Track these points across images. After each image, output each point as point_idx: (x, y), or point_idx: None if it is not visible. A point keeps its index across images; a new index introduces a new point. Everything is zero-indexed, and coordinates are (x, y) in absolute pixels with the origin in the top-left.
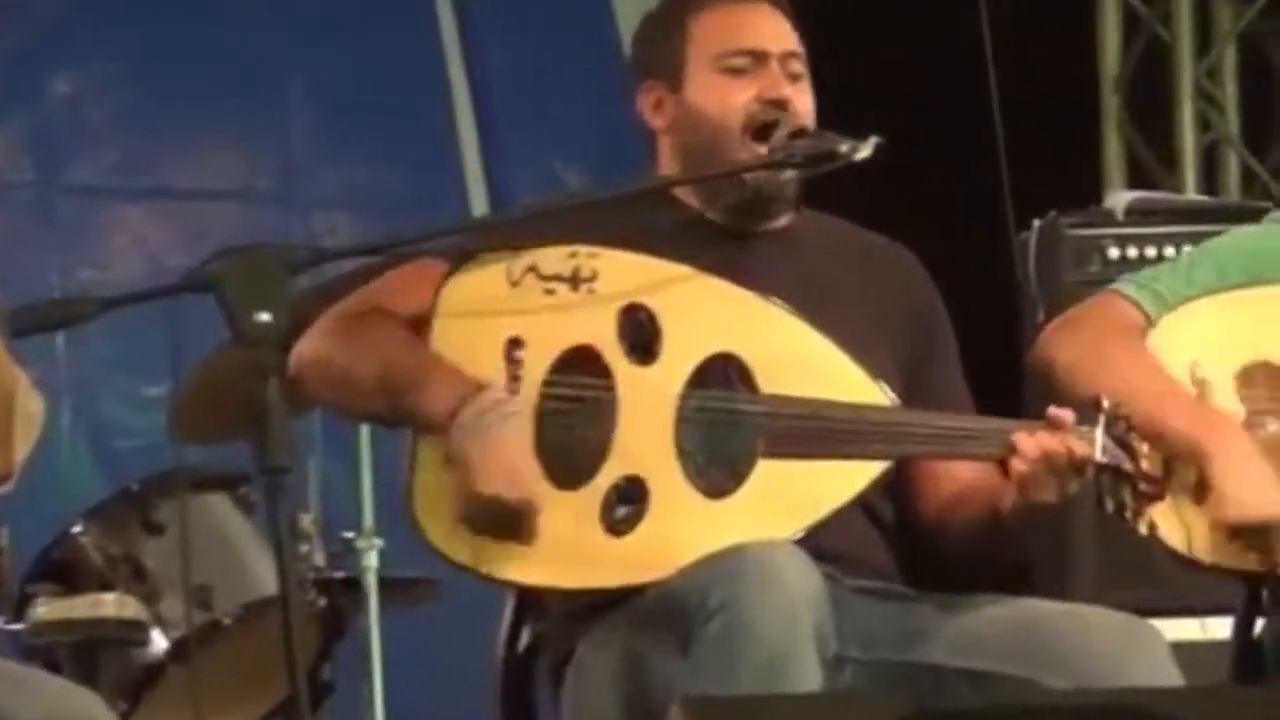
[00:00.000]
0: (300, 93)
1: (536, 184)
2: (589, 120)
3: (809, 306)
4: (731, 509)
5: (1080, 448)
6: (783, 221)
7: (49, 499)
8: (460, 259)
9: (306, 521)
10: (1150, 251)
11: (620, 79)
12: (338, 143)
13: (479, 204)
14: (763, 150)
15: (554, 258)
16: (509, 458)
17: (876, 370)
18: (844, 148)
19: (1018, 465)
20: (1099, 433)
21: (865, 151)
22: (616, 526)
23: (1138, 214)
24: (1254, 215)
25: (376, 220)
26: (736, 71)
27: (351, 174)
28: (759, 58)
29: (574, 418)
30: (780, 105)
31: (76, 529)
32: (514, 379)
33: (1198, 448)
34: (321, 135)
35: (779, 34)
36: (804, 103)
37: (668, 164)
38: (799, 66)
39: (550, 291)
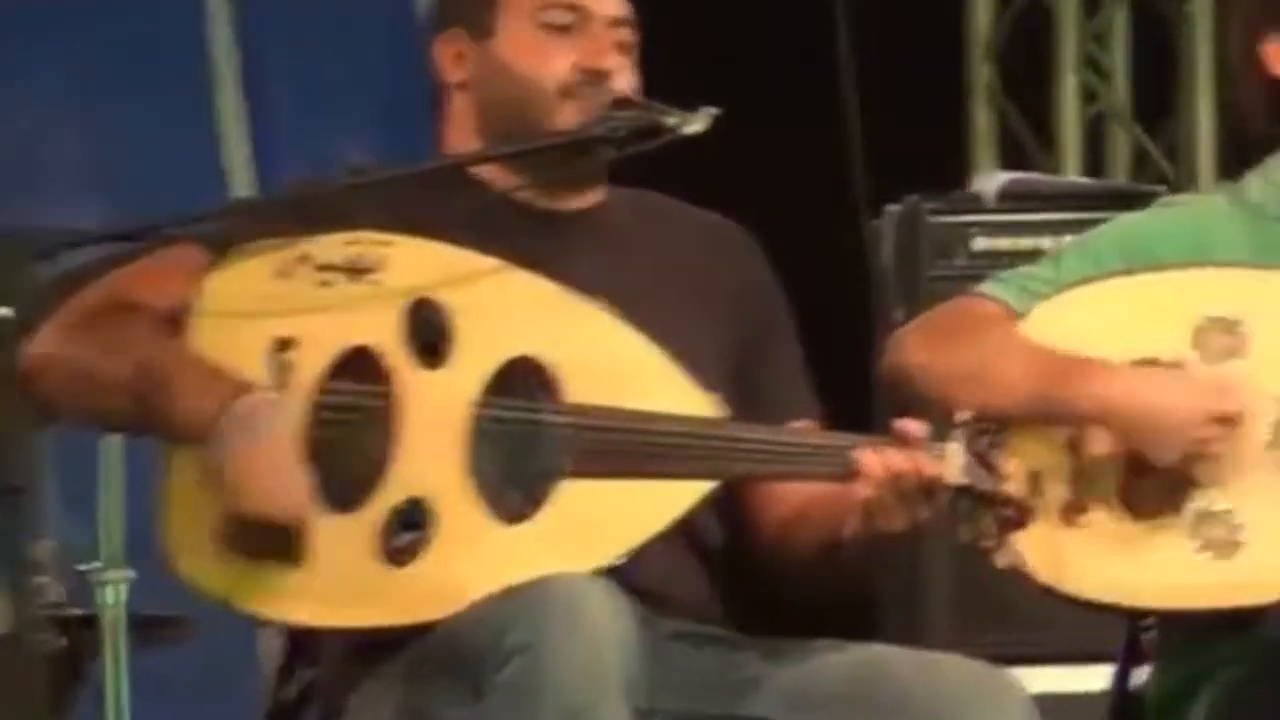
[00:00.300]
0: (42, 58)
1: (312, 166)
2: (377, 91)
3: (625, 300)
4: (531, 536)
5: (932, 467)
6: (592, 199)
7: None
8: (223, 247)
9: (42, 549)
10: (1025, 242)
11: (416, 44)
12: (81, 115)
13: (243, 187)
14: (585, 112)
15: (332, 246)
16: (276, 470)
17: (702, 373)
18: (673, 120)
19: (861, 489)
20: (956, 449)
21: (698, 125)
22: (397, 555)
23: (1011, 198)
24: (1144, 200)
25: (125, 204)
26: (557, 29)
27: (97, 150)
28: (583, 16)
29: (350, 430)
30: (601, 76)
31: None
32: (282, 385)
33: (1089, 409)
34: (61, 106)
35: None
36: (628, 78)
37: (462, 124)
38: (627, 34)
39: (326, 284)
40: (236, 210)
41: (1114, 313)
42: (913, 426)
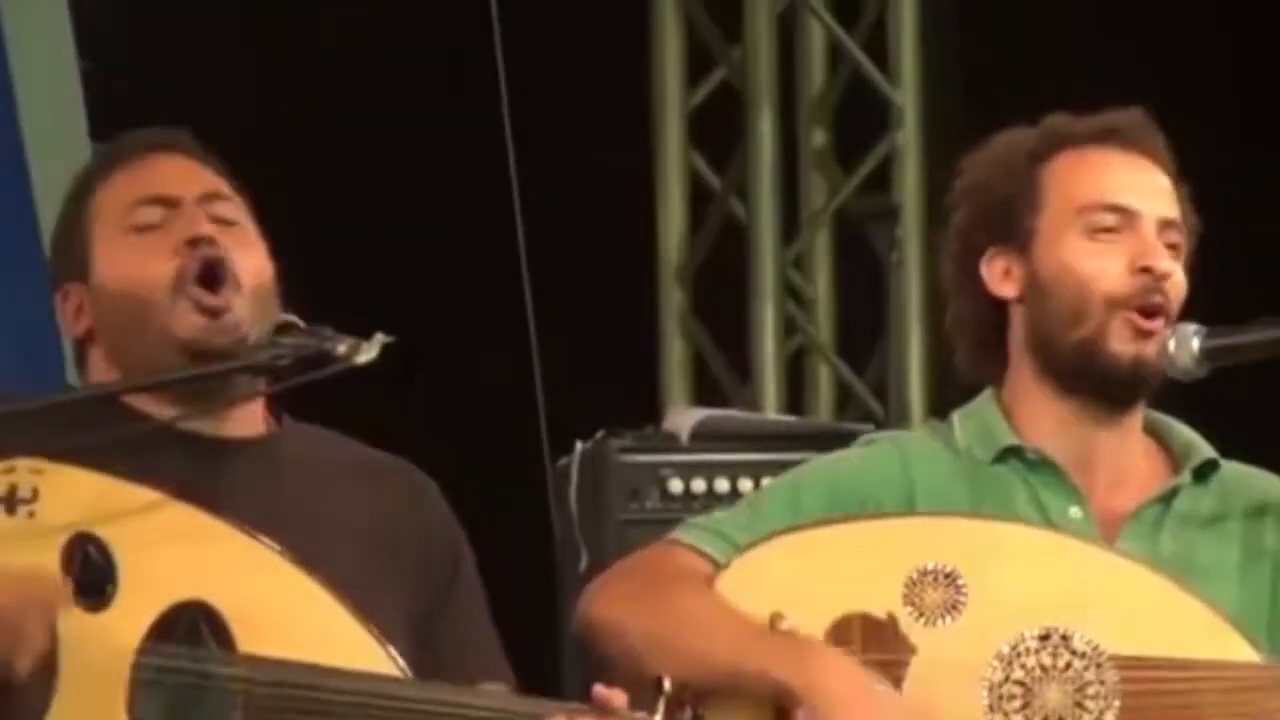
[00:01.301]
0: None
1: None
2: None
3: (299, 541)
4: None
5: None
6: (259, 427)
7: None
8: None
9: None
10: (721, 484)
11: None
12: None
13: None
14: (209, 300)
15: None
16: None
17: (382, 623)
18: (343, 348)
19: None
20: None
21: (370, 353)
22: None
23: (706, 437)
24: (847, 439)
25: None
26: (147, 229)
27: None
28: (171, 204)
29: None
30: (218, 266)
31: None
32: None
33: (789, 686)
34: None
35: (196, 178)
36: (247, 258)
37: (101, 375)
38: (228, 209)
39: None
40: None
41: (820, 563)
42: (613, 694)
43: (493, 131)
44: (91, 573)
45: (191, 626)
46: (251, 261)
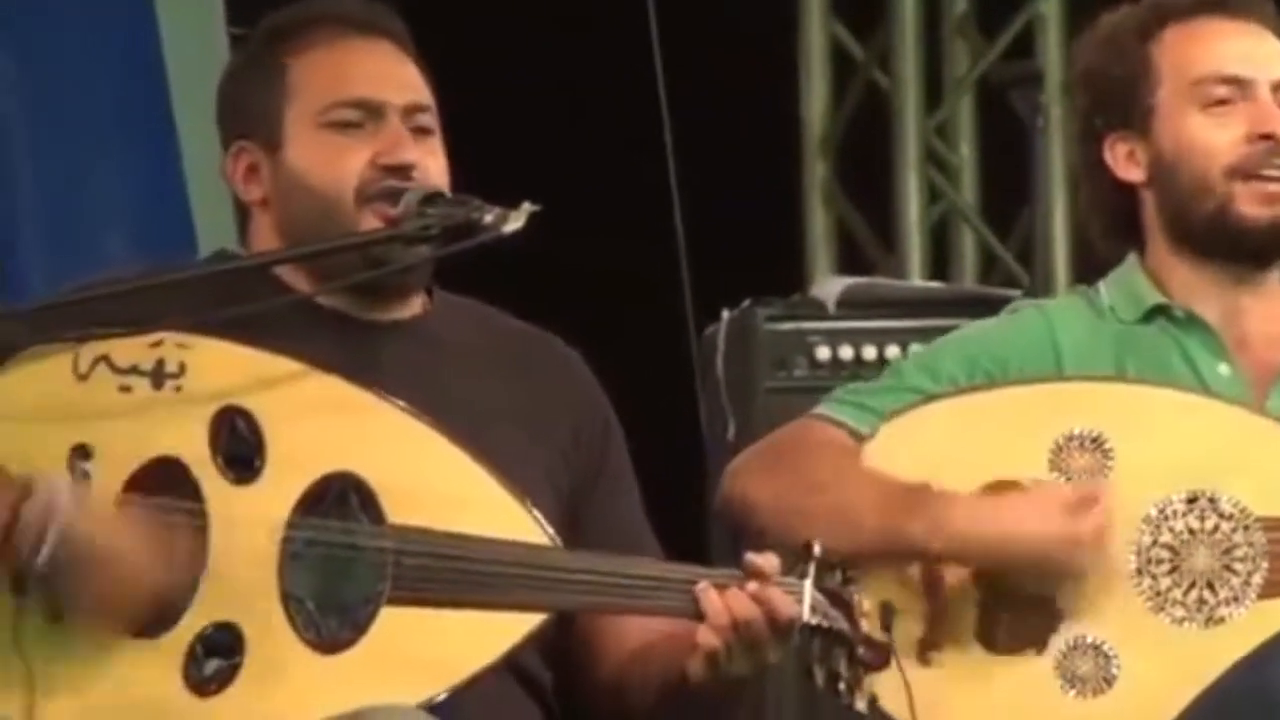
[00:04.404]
0: None
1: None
2: (131, 185)
3: (449, 415)
4: (349, 666)
5: (784, 607)
6: (412, 309)
7: None
8: (5, 352)
9: None
10: (868, 351)
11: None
12: None
13: None
14: (393, 213)
15: (132, 347)
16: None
17: (532, 498)
18: (490, 218)
19: (704, 636)
20: (807, 587)
21: (516, 223)
22: (204, 685)
23: (852, 304)
24: (994, 305)
25: None
26: (347, 127)
27: None
28: (375, 110)
29: None
30: (404, 171)
31: None
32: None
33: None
34: None
35: (401, 80)
36: (435, 165)
37: (266, 244)
38: (428, 120)
39: (126, 389)
40: (20, 312)
41: (964, 432)
42: (764, 560)
43: (637, 3)
44: (239, 446)
45: (340, 498)
46: (437, 170)
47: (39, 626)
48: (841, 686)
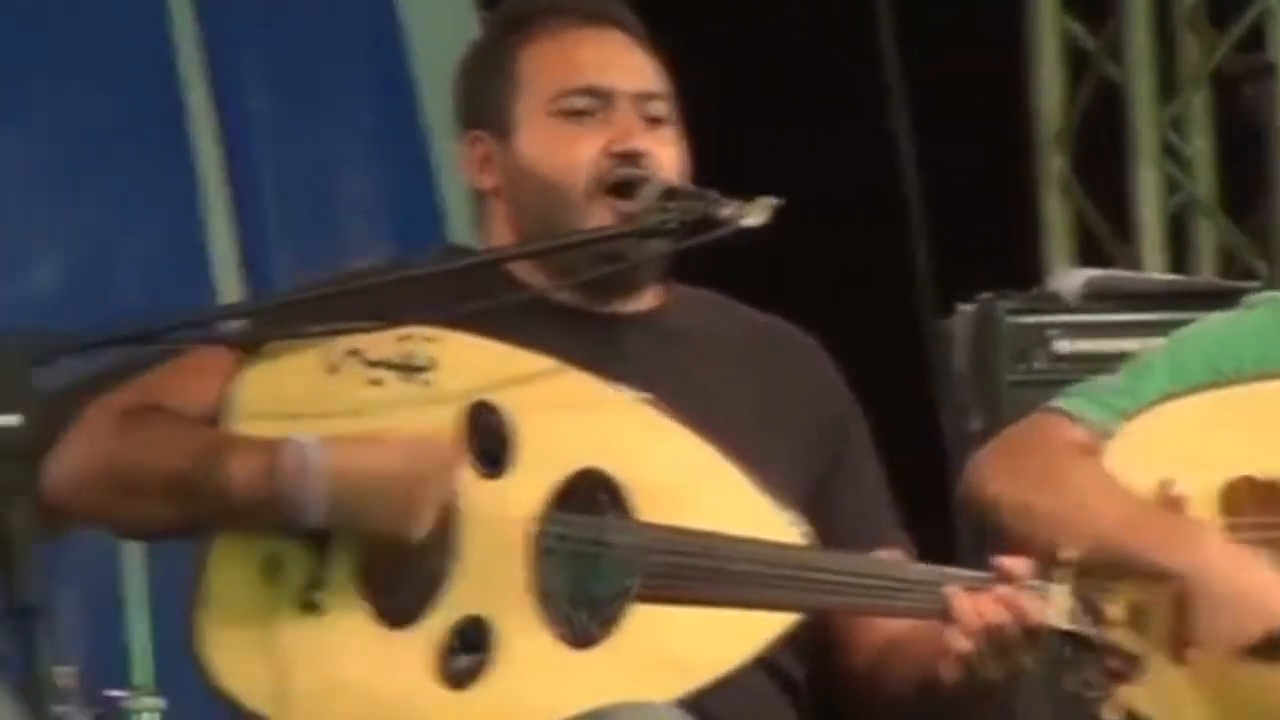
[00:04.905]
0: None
1: (302, 261)
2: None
3: (694, 410)
4: (599, 662)
5: (1035, 612)
6: (649, 301)
7: None
8: (252, 346)
9: (64, 675)
10: (1109, 344)
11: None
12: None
13: (230, 290)
14: (626, 208)
15: (382, 341)
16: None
17: (780, 492)
18: (728, 212)
19: (955, 640)
20: (1062, 592)
21: (757, 217)
22: (456, 678)
23: (1093, 297)
24: (1234, 297)
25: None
26: (577, 115)
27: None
28: (605, 98)
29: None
30: (634, 159)
31: None
32: None
33: (1173, 572)
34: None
35: (630, 68)
36: (668, 155)
37: (499, 233)
38: (660, 108)
39: (377, 382)
40: (263, 308)
41: (1208, 427)
42: (1017, 564)
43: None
44: (489, 441)
45: (589, 494)
46: (670, 159)
47: (291, 615)
48: (1091, 695)
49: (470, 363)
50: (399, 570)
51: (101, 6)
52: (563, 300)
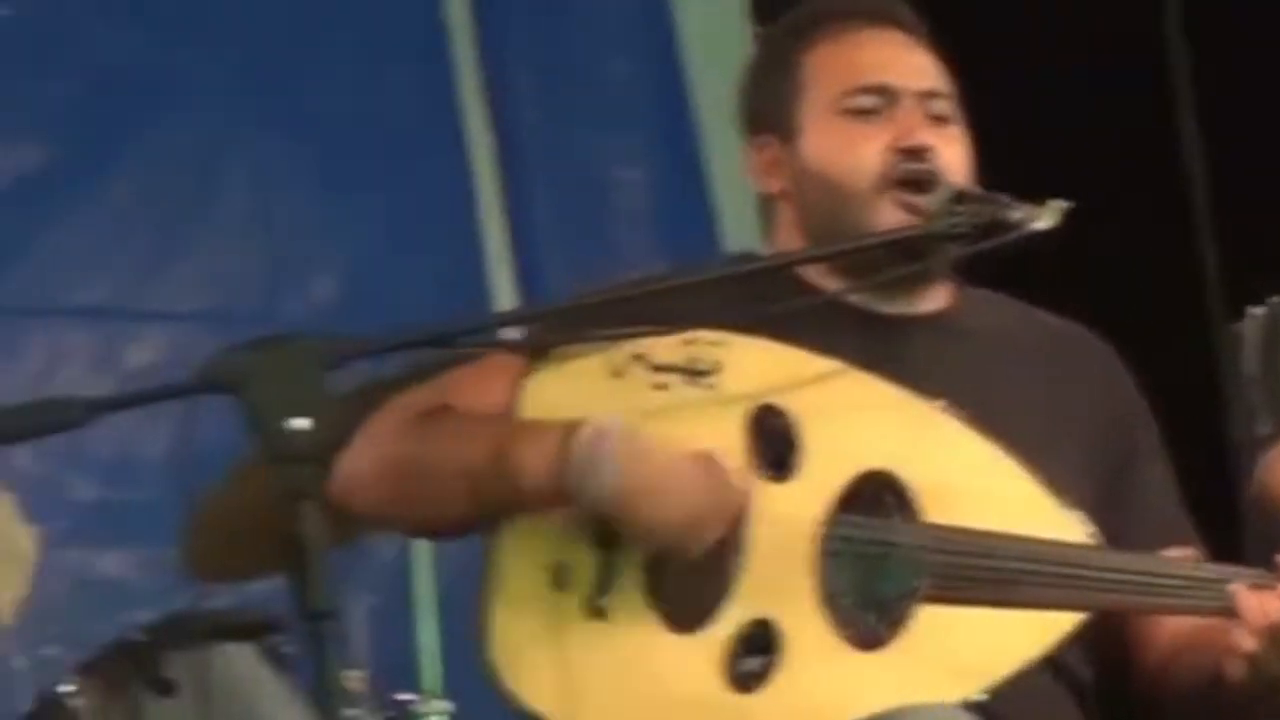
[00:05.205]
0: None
1: (575, 267)
2: (652, 192)
3: (981, 411)
4: (886, 663)
5: None
6: (938, 302)
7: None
8: (540, 351)
9: (354, 679)
10: None
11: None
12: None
13: (504, 296)
14: (916, 201)
15: (666, 345)
16: (681, 464)
17: (1069, 494)
18: (1018, 215)
19: (1241, 639)
20: None
21: (1047, 220)
22: (743, 681)
23: None
24: None
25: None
26: (861, 114)
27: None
28: (889, 96)
29: None
30: (919, 154)
31: (66, 688)
32: None
33: None
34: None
35: (913, 66)
36: (952, 152)
37: (788, 236)
38: (944, 107)
39: (661, 386)
40: (549, 313)
41: None
42: None
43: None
44: (775, 444)
45: (875, 496)
46: (956, 159)
47: (579, 621)
48: None
49: (755, 366)
50: (685, 575)
51: (381, 22)
52: (850, 302)
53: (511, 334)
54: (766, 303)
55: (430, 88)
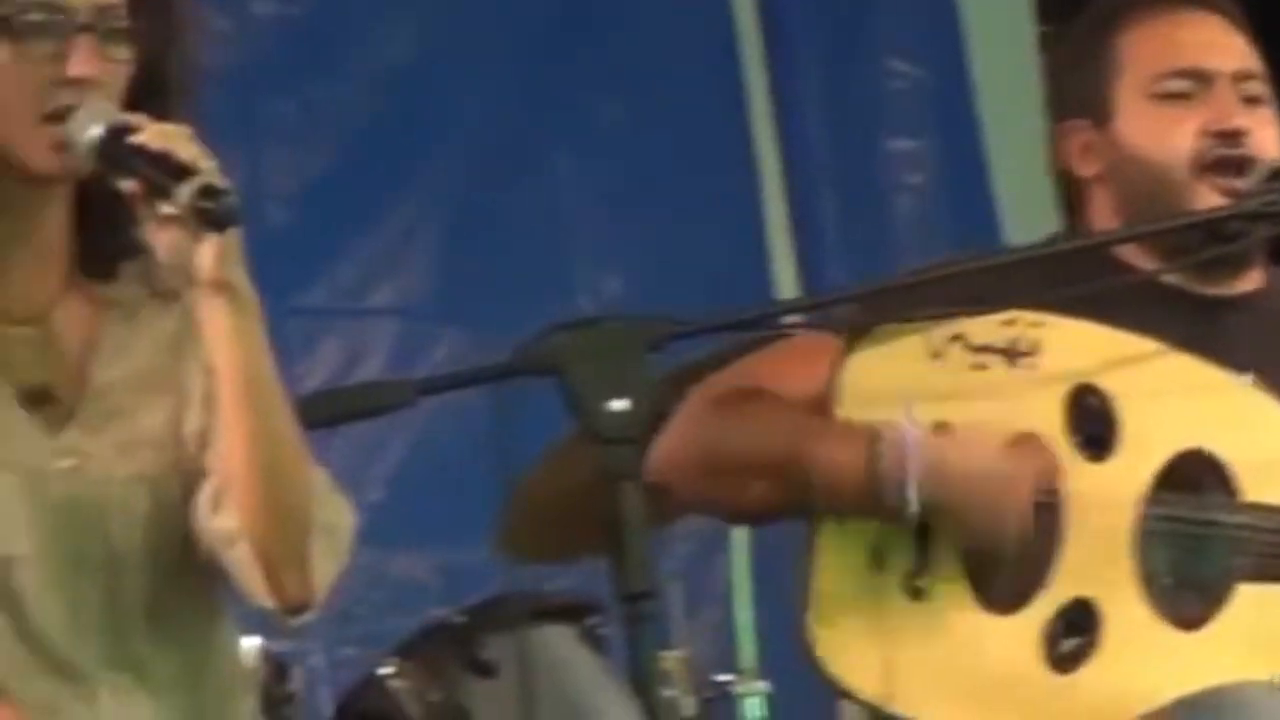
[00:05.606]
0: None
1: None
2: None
3: None
4: (1206, 642)
5: None
6: (1254, 282)
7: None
8: (857, 332)
9: (672, 660)
10: None
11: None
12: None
13: (786, 284)
14: (1233, 185)
15: (986, 326)
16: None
17: None
18: None
19: None
20: None
21: None
22: (1062, 662)
23: None
24: None
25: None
26: (1176, 97)
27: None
28: (1204, 79)
29: None
30: (1234, 138)
31: (386, 670)
32: None
33: None
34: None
35: (1229, 49)
36: (1267, 134)
37: (1102, 219)
38: (1258, 88)
39: (981, 367)
40: (867, 294)
41: None
42: None
43: None
44: (1093, 424)
45: (1193, 476)
46: (1269, 140)
47: (898, 602)
48: None
49: (1074, 346)
50: (1002, 555)
51: (671, 35)
52: (1167, 282)
53: (834, 314)
54: (1083, 284)
55: (719, 101)
